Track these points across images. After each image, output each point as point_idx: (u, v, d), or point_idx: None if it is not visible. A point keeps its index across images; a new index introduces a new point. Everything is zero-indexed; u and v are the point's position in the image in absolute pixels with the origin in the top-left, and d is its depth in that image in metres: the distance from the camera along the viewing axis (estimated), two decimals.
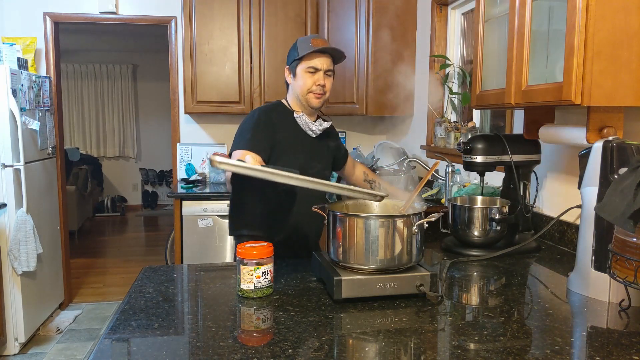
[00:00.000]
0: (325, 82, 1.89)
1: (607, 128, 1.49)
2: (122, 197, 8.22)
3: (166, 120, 7.69)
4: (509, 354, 1.05)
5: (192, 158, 4.17)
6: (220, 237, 3.55)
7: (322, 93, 1.90)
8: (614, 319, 1.26)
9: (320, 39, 1.92)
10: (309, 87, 1.88)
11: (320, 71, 1.88)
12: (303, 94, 1.90)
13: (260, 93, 3.87)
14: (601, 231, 1.37)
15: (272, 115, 1.90)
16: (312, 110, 1.94)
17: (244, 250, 1.36)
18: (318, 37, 1.93)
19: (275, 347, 1.08)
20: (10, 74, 3.20)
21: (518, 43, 1.63)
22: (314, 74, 1.88)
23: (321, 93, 1.90)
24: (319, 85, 1.88)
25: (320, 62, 1.88)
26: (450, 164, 2.78)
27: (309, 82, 1.88)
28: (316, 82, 1.88)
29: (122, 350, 1.10)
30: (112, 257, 5.72)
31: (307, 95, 1.89)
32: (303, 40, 1.91)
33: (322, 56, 1.88)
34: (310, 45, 1.87)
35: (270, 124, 1.87)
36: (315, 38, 1.91)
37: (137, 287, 1.45)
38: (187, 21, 3.76)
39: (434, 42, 3.25)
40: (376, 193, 1.38)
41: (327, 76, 1.90)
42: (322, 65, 1.88)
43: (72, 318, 3.88)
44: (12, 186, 3.25)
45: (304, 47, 1.88)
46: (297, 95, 1.92)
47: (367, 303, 1.32)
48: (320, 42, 1.90)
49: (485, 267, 1.70)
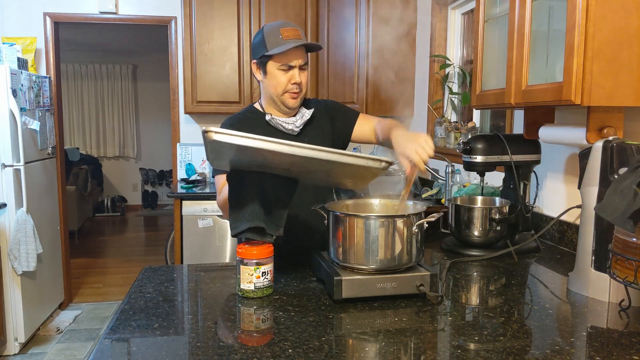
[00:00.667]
0: (301, 78, 1.70)
1: (607, 128, 1.49)
2: (122, 197, 8.22)
3: (166, 120, 7.69)
4: (509, 354, 1.05)
5: (192, 158, 4.17)
6: (220, 237, 3.55)
7: (299, 91, 1.71)
8: (614, 319, 1.26)
9: (291, 27, 1.67)
10: (284, 87, 1.70)
11: (294, 68, 1.68)
12: (278, 95, 1.72)
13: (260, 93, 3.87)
14: (601, 231, 1.37)
15: (241, 125, 1.72)
16: (289, 110, 1.77)
17: (244, 250, 1.36)
18: (288, 26, 1.67)
19: (275, 347, 1.08)
20: (10, 74, 3.20)
21: (518, 43, 1.63)
22: (287, 71, 1.68)
23: (297, 91, 1.71)
24: (294, 83, 1.68)
25: (294, 57, 1.66)
26: (450, 164, 2.78)
27: (283, 81, 1.69)
28: (291, 81, 1.68)
29: (122, 350, 1.10)
30: (112, 257, 5.72)
31: (282, 97, 1.72)
32: (270, 31, 1.67)
33: (296, 50, 1.66)
34: (280, 38, 1.64)
35: None
36: (284, 27, 1.66)
37: (137, 287, 1.45)
38: (187, 21, 3.76)
39: (434, 42, 3.25)
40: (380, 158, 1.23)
41: (302, 71, 1.69)
42: (296, 61, 1.67)
43: (72, 318, 3.88)
44: (12, 186, 3.25)
45: (272, 40, 1.65)
46: (271, 96, 1.75)
47: (367, 303, 1.32)
48: (291, 32, 1.65)
49: (485, 267, 1.70)
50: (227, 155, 1.36)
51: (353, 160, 1.22)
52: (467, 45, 3.14)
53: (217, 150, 1.30)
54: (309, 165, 1.29)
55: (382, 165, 1.24)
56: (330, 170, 1.31)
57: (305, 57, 1.70)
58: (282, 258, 1.60)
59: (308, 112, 1.80)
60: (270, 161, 1.32)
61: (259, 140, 1.19)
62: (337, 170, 1.33)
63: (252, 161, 1.36)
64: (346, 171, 1.30)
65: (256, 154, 1.24)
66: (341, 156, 1.21)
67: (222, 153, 1.33)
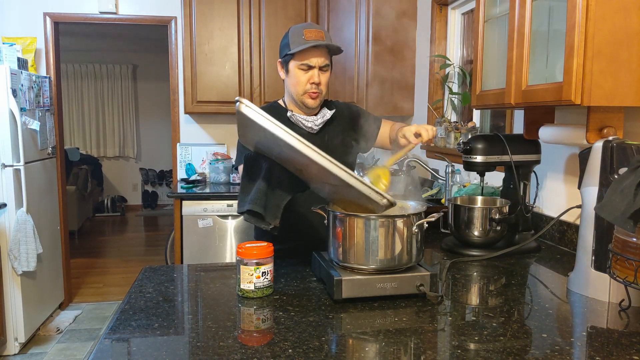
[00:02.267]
0: (321, 79, 1.73)
1: (607, 128, 1.49)
2: (122, 197, 8.22)
3: (166, 120, 7.69)
4: (509, 354, 1.05)
5: (192, 158, 4.17)
6: (220, 237, 3.55)
7: (318, 92, 1.74)
8: (614, 319, 1.26)
9: (314, 29, 1.71)
10: (303, 87, 1.73)
11: (314, 68, 1.71)
12: (298, 95, 1.76)
13: (260, 93, 3.88)
14: (601, 231, 1.36)
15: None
16: (309, 110, 1.80)
17: (244, 250, 1.36)
18: (312, 28, 1.72)
19: (275, 347, 1.08)
20: (10, 74, 3.20)
21: (518, 43, 1.63)
22: (307, 71, 1.72)
23: (316, 92, 1.74)
24: (313, 83, 1.72)
25: (314, 57, 1.70)
26: (450, 164, 2.78)
27: (302, 81, 1.72)
28: (310, 80, 1.72)
29: (122, 350, 1.10)
30: (112, 257, 5.72)
31: (302, 97, 1.76)
32: (295, 31, 1.72)
33: (316, 50, 1.69)
34: (303, 38, 1.68)
35: None
36: (308, 29, 1.70)
37: (137, 287, 1.45)
38: (187, 21, 3.76)
39: (434, 42, 3.25)
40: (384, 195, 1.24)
41: (322, 72, 1.73)
42: (316, 61, 1.70)
43: (72, 318, 3.88)
44: (12, 186, 3.25)
45: (296, 40, 1.69)
46: (292, 96, 1.79)
47: (367, 303, 1.32)
48: (314, 33, 1.69)
49: (485, 267, 1.70)
50: (250, 134, 1.39)
51: (358, 185, 1.23)
52: (467, 45, 3.14)
53: (244, 125, 1.32)
54: (319, 174, 1.30)
55: (383, 202, 1.25)
56: (337, 187, 1.32)
57: (327, 59, 1.73)
58: (282, 258, 1.60)
59: (329, 112, 1.83)
60: (286, 155, 1.34)
61: (279, 127, 1.20)
62: (342, 191, 1.33)
63: (271, 149, 1.39)
64: (350, 194, 1.30)
65: (275, 142, 1.26)
66: (349, 177, 1.22)
67: (247, 130, 1.36)
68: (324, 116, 1.82)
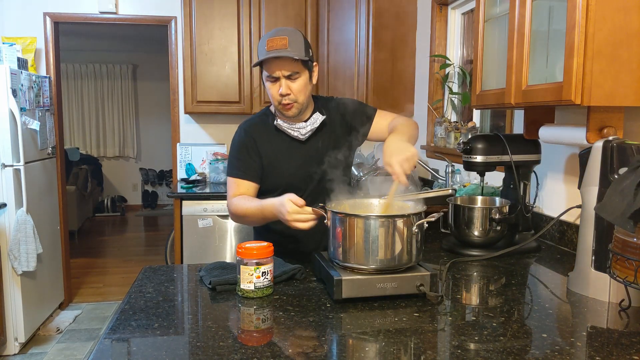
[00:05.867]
0: (292, 88, 1.63)
1: (607, 128, 1.49)
2: (122, 197, 8.22)
3: (166, 120, 7.68)
4: (509, 354, 1.05)
5: (192, 158, 4.17)
6: (220, 237, 3.55)
7: (291, 102, 1.64)
8: (614, 319, 1.26)
9: (278, 37, 1.60)
10: (276, 99, 1.66)
11: (280, 79, 1.62)
12: (276, 106, 1.70)
13: (260, 93, 3.88)
14: (601, 231, 1.36)
15: (253, 130, 1.76)
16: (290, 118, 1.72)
17: (244, 250, 1.36)
18: (276, 36, 1.60)
19: (275, 347, 1.08)
20: (10, 74, 3.20)
21: (518, 43, 1.63)
22: (274, 83, 1.64)
23: (288, 103, 1.64)
24: (282, 95, 1.63)
25: (277, 68, 1.60)
26: (450, 164, 2.78)
27: (273, 93, 1.65)
28: (279, 92, 1.63)
29: (122, 350, 1.10)
30: (112, 257, 5.72)
31: (278, 107, 1.68)
32: (262, 40, 1.64)
33: (278, 60, 1.59)
34: (264, 49, 1.59)
35: (252, 142, 1.74)
36: (272, 37, 1.60)
37: (137, 287, 1.45)
38: (187, 21, 3.76)
39: (434, 42, 3.25)
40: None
41: (292, 80, 1.63)
42: (280, 72, 1.60)
43: (72, 318, 3.88)
44: (12, 186, 3.25)
45: (260, 50, 1.62)
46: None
47: (367, 303, 1.32)
48: (276, 42, 1.58)
49: (485, 267, 1.70)
50: None
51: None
52: (467, 45, 3.14)
53: None
54: None
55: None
56: None
57: (295, 67, 1.62)
58: (282, 258, 1.60)
59: (320, 119, 1.75)
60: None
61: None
62: None
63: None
64: None
65: None
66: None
67: None
68: (314, 123, 1.74)
